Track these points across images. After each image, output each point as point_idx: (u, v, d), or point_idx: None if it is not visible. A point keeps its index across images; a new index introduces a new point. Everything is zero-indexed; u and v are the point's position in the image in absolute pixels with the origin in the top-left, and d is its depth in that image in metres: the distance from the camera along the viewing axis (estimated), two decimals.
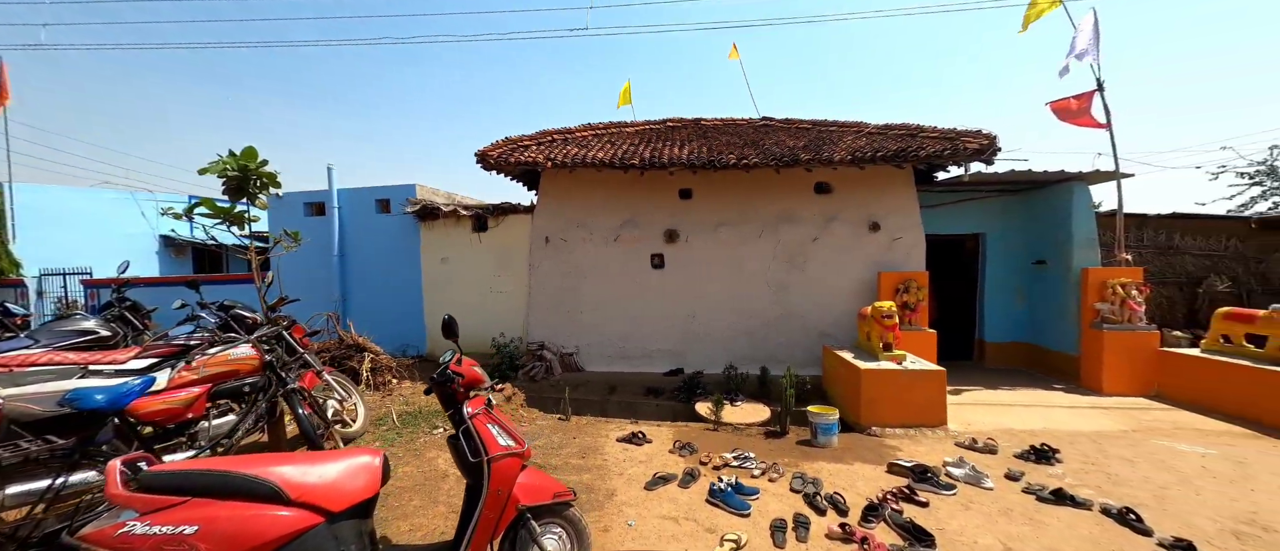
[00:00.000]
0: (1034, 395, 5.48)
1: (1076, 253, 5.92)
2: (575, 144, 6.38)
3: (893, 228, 6.20)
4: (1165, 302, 7.00)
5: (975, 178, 6.15)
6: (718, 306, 6.38)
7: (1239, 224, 7.02)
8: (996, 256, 7.01)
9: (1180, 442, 3.88)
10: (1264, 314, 4.63)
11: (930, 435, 4.28)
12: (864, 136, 6.12)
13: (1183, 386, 5.07)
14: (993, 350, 6.99)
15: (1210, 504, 2.80)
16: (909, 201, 6.21)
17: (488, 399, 2.04)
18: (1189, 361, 5.02)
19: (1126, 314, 5.43)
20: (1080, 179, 6.01)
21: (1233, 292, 6.72)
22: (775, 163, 5.54)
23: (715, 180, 6.39)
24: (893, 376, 4.52)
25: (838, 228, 6.24)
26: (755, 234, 6.35)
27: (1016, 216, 6.95)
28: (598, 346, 6.51)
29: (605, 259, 6.50)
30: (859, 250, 6.24)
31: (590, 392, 5.87)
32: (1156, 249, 7.08)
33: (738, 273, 6.37)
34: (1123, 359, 5.38)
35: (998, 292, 7.03)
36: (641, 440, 3.87)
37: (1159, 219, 7.11)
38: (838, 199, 6.31)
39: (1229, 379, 4.64)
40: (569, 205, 6.56)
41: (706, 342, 6.38)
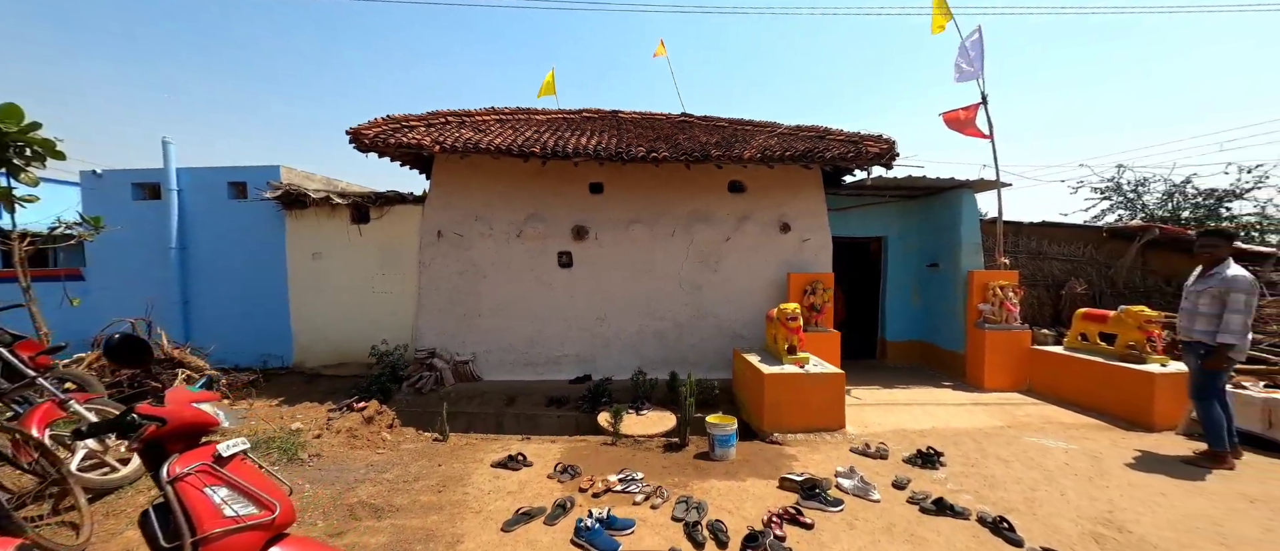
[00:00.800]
0: (926, 393, 5.69)
1: (963, 256, 6.27)
2: (472, 127, 5.73)
3: (802, 229, 6.20)
4: (1035, 303, 7.69)
5: (877, 182, 6.32)
6: (629, 308, 6.03)
7: (1094, 233, 7.89)
8: (897, 259, 7.31)
9: (1048, 438, 4.09)
10: (1114, 314, 5.08)
11: (829, 440, 4.20)
12: (776, 136, 6.06)
13: (1049, 381, 5.48)
14: (893, 348, 7.29)
15: (1073, 503, 2.86)
16: (818, 203, 6.24)
17: (220, 450, 1.44)
18: (1053, 358, 5.43)
19: (1004, 314, 5.79)
20: (967, 187, 6.38)
21: (1088, 294, 7.52)
22: (686, 158, 5.28)
23: (627, 175, 6.03)
24: (795, 380, 4.41)
25: (751, 228, 6.14)
26: (668, 232, 6.08)
27: (914, 221, 7.30)
28: (498, 353, 5.91)
29: (507, 256, 5.92)
30: (771, 250, 6.18)
31: (486, 405, 5.28)
32: (1029, 254, 7.76)
33: (650, 272, 6.06)
34: (1001, 356, 5.74)
35: (898, 293, 7.34)
36: (520, 463, 3.39)
37: (1031, 227, 7.80)
38: (751, 199, 6.21)
39: (1085, 374, 5.04)
40: (466, 196, 5.89)
41: (617, 347, 6.01)
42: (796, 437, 4.27)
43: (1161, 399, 4.39)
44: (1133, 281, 7.82)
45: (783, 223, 6.17)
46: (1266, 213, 9.87)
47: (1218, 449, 3.37)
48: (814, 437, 4.26)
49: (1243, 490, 2.99)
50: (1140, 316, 4.79)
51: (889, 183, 6.40)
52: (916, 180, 6.24)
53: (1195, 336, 3.52)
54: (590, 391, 5.24)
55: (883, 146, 5.49)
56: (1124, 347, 4.96)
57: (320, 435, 3.72)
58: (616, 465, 3.49)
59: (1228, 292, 3.31)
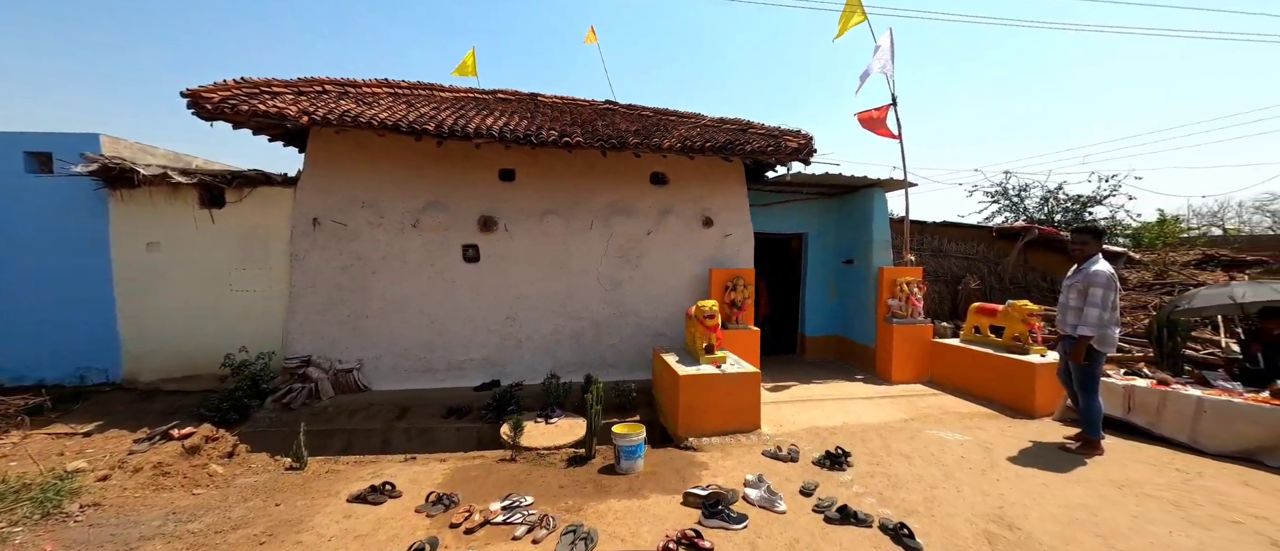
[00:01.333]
0: (840, 387, 5.79)
1: (875, 253, 6.47)
2: (355, 100, 4.96)
3: (725, 223, 6.07)
4: (936, 298, 8.22)
5: (796, 178, 6.33)
6: (542, 306, 5.57)
7: (985, 233, 8.58)
8: (816, 255, 7.45)
9: (946, 430, 4.21)
10: (1002, 308, 5.42)
11: (744, 443, 4.04)
12: (698, 128, 5.86)
13: (948, 372, 5.77)
14: (811, 344, 7.43)
15: (968, 501, 2.85)
16: (740, 198, 6.14)
17: None
18: (951, 351, 5.72)
19: (910, 309, 6.04)
20: (879, 185, 6.59)
21: (981, 290, 8.16)
22: (602, 144, 4.90)
23: (542, 161, 5.55)
24: (711, 381, 4.21)
25: (673, 221, 5.90)
26: (586, 225, 5.67)
27: (832, 218, 7.47)
28: (391, 359, 5.20)
29: (402, 249, 5.21)
30: (693, 245, 5.99)
31: (372, 419, 4.59)
32: (932, 252, 8.27)
33: (566, 268, 5.63)
34: (907, 349, 5.98)
35: (817, 289, 7.49)
36: (385, 495, 2.84)
37: (934, 227, 8.33)
38: (673, 191, 5.97)
39: (978, 365, 5.34)
40: (350, 179, 5.10)
41: (529, 349, 5.52)
42: (712, 441, 4.08)
43: (1041, 387, 4.71)
44: (1017, 277, 8.60)
45: (705, 217, 6.00)
46: (1117, 218, 11.41)
47: (1092, 436, 3.59)
48: (729, 440, 4.09)
49: (1111, 476, 3.17)
50: (1024, 310, 5.13)
51: (808, 179, 6.45)
52: (833, 178, 6.33)
53: (1065, 329, 3.73)
54: (495, 399, 4.73)
55: (801, 141, 5.46)
56: (1011, 339, 5.30)
57: (108, 476, 2.91)
58: (507, 487, 3.05)
59: (1089, 286, 3.52)
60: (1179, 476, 3.15)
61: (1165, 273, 7.95)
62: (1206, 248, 9.64)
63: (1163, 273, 7.93)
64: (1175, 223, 9.53)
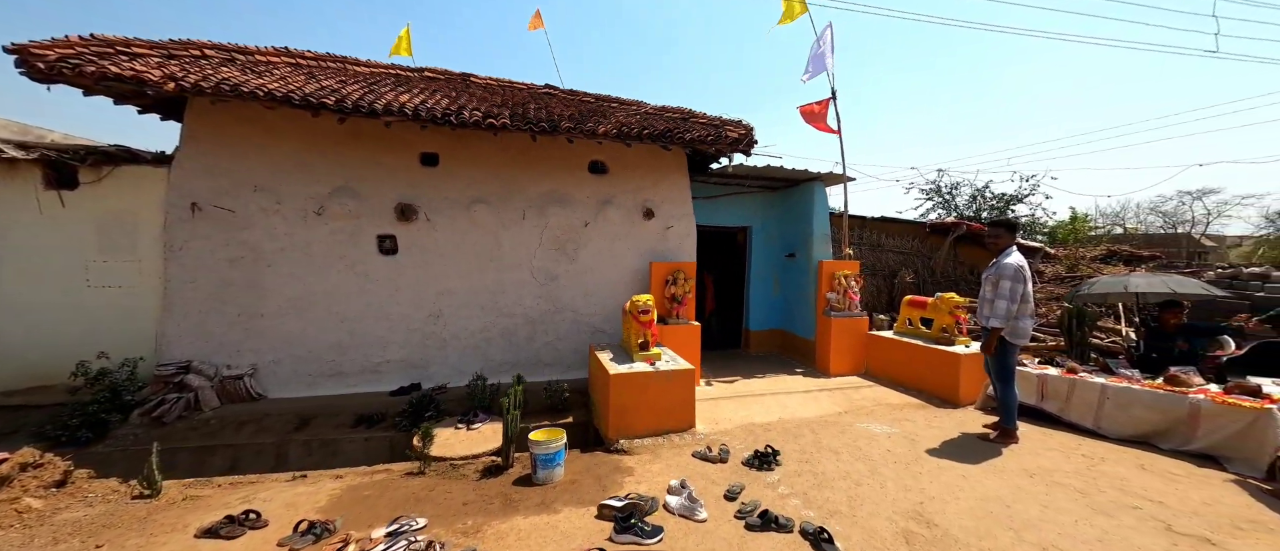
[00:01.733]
0: (779, 381, 5.76)
1: (815, 246, 6.50)
2: (243, 68, 4.34)
3: (666, 215, 5.88)
4: (874, 291, 8.46)
5: (738, 170, 6.24)
6: (471, 303, 5.16)
7: (919, 228, 8.91)
8: (760, 248, 7.44)
9: (876, 422, 4.22)
10: (931, 301, 5.56)
11: (677, 443, 3.87)
12: (638, 115, 5.62)
13: (882, 364, 5.89)
14: (755, 338, 7.43)
15: (890, 497, 2.80)
16: (682, 189, 5.97)
17: None
18: (885, 343, 5.83)
19: (847, 302, 6.10)
20: (819, 179, 6.62)
21: (915, 283, 8.47)
22: (532, 128, 4.56)
23: (469, 145, 5.12)
24: (644, 380, 4.00)
25: (612, 212, 5.64)
26: (518, 215, 5.31)
27: (776, 211, 7.48)
28: (292, 363, 4.64)
29: (304, 239, 4.65)
30: (633, 238, 5.76)
31: (265, 432, 4.06)
32: (870, 246, 8.49)
33: (496, 261, 5.25)
34: (844, 342, 6.04)
35: (760, 283, 7.48)
36: (243, 525, 2.43)
37: (873, 222, 8.55)
38: (613, 181, 5.71)
39: (909, 357, 5.46)
40: (241, 159, 4.48)
41: (455, 349, 5.11)
42: (644, 443, 3.88)
43: (965, 377, 4.85)
44: (948, 271, 8.99)
45: (646, 208, 5.78)
46: (1036, 216, 12.27)
47: (1007, 426, 3.68)
48: (662, 441, 3.91)
49: (1024, 465, 3.24)
50: (950, 302, 5.28)
51: (751, 171, 6.37)
52: (775, 170, 6.29)
53: (980, 320, 3.81)
54: (412, 404, 4.32)
55: (742, 131, 5.34)
56: (938, 331, 5.45)
57: None
58: (402, 507, 2.71)
59: (999, 279, 3.60)
60: (1084, 462, 3.26)
61: (1076, 267, 8.57)
62: (1110, 244, 10.52)
63: (1074, 267, 8.54)
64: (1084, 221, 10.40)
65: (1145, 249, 10.25)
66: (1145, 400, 3.58)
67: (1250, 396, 3.21)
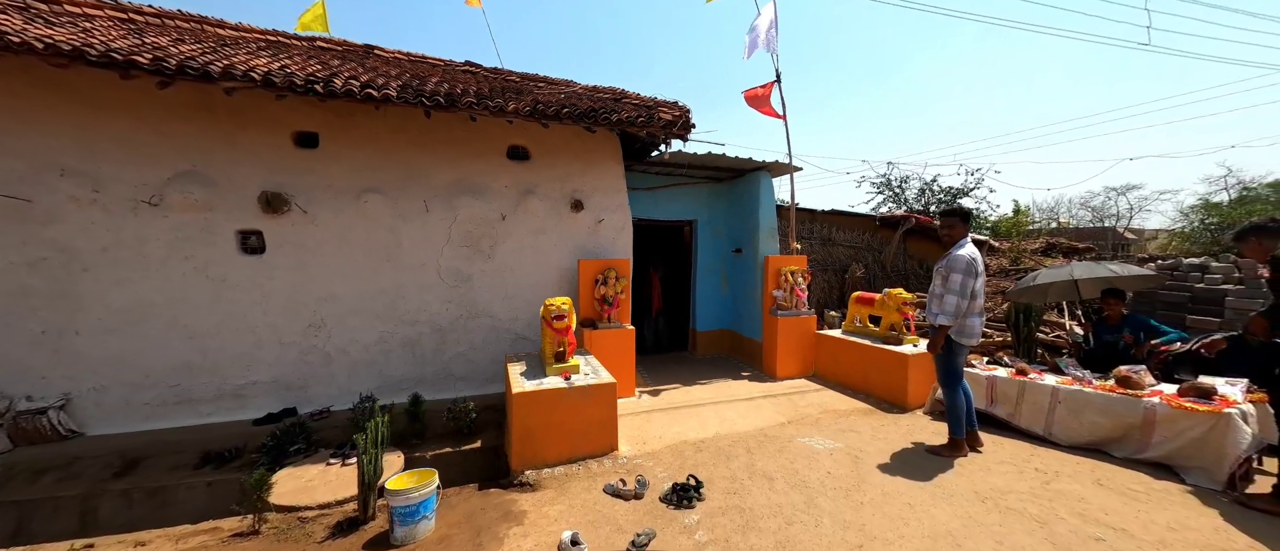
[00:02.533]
0: (722, 388, 5.30)
1: (761, 240, 6.09)
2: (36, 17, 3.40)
3: (598, 207, 5.29)
4: (825, 287, 8.20)
5: (676, 158, 5.73)
6: (362, 309, 4.40)
7: (870, 221, 8.73)
8: (706, 243, 6.98)
9: (820, 435, 3.81)
10: (879, 297, 5.24)
11: (594, 470, 3.31)
12: (563, 94, 4.98)
13: (831, 365, 5.53)
14: (703, 339, 6.97)
15: (826, 539, 2.34)
16: (615, 178, 5.39)
17: None
18: (833, 343, 5.48)
19: (795, 301, 5.72)
20: (765, 169, 6.20)
21: (865, 278, 8.26)
22: (424, 101, 3.85)
23: (357, 124, 4.35)
24: (554, 399, 3.41)
25: (535, 204, 4.99)
26: (421, 207, 4.58)
27: (722, 204, 7.03)
28: (124, 389, 3.75)
29: (137, 236, 3.75)
30: (560, 233, 5.13)
31: (74, 481, 3.21)
32: (821, 240, 8.22)
33: (394, 260, 4.50)
34: (791, 343, 5.66)
35: (708, 280, 7.03)
36: None
37: (823, 215, 8.27)
38: (536, 169, 5.06)
39: (857, 357, 5.12)
40: (40, 134, 3.53)
41: (343, 365, 4.34)
42: (554, 473, 3.29)
43: (914, 378, 4.53)
44: (898, 265, 8.85)
45: (574, 199, 5.17)
46: (980, 210, 12.50)
47: (956, 436, 3.33)
48: (577, 470, 3.33)
49: (975, 485, 2.87)
50: (898, 299, 4.96)
51: (692, 160, 5.87)
52: (716, 159, 5.81)
53: (929, 317, 3.45)
54: (276, 436, 3.54)
55: (676, 113, 4.81)
56: (886, 329, 5.13)
57: None
58: None
59: (949, 272, 3.24)
60: (1039, 479, 2.92)
61: (1019, 260, 8.61)
62: (1049, 237, 10.78)
63: (1017, 259, 8.58)
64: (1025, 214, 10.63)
65: (1078, 241, 10.54)
66: (1098, 404, 3.30)
67: (1204, 399, 2.96)
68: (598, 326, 4.84)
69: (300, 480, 3.24)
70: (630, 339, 4.92)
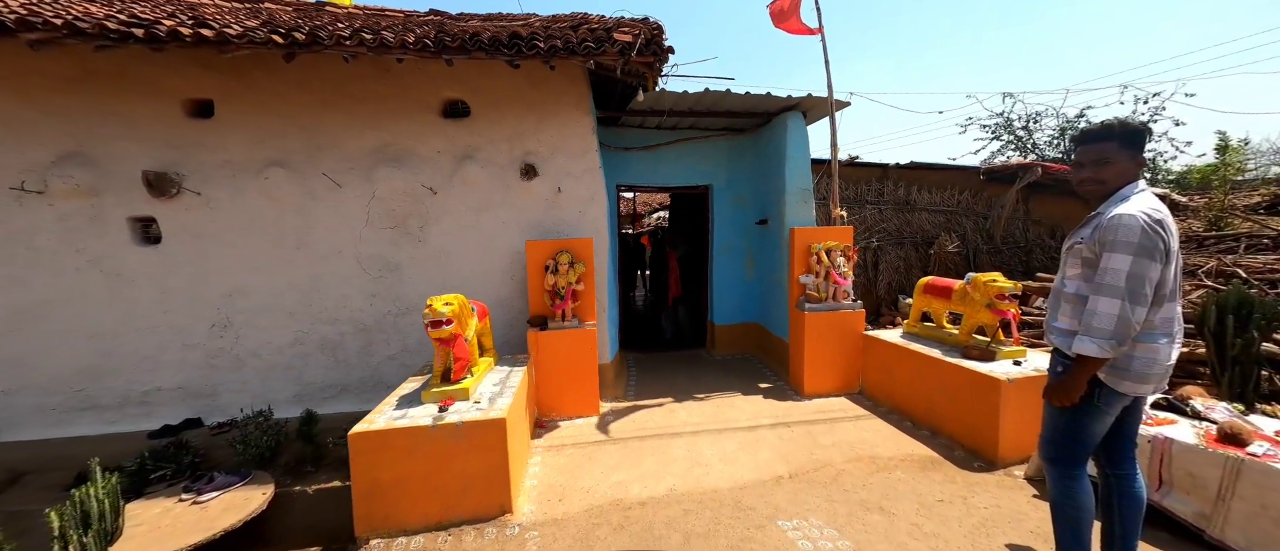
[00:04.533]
0: (723, 407, 3.95)
1: (789, 207, 4.50)
2: None
3: (556, 171, 4.14)
4: (902, 268, 6.22)
5: (677, 103, 4.33)
6: (274, 306, 3.80)
7: (969, 175, 6.44)
8: (725, 215, 5.49)
9: (818, 516, 2.40)
10: (959, 286, 3.47)
11: (467, 546, 2.31)
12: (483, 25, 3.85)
13: (881, 382, 3.90)
14: (722, 336, 5.57)
15: None
16: (581, 134, 4.17)
17: None
18: (884, 350, 3.83)
19: (830, 289, 4.11)
20: (794, 107, 4.52)
21: (960, 253, 6.12)
22: (279, 41, 2.98)
23: (257, 84, 3.66)
24: (412, 441, 2.44)
25: (475, 172, 4.00)
26: (334, 184, 3.82)
27: (745, 162, 5.45)
28: (36, 394, 3.52)
29: (24, 227, 3.44)
30: (508, 206, 4.10)
31: None
32: (895, 205, 6.21)
33: (307, 248, 3.82)
34: (825, 348, 4.09)
35: (729, 261, 5.56)
36: None
37: (898, 170, 6.23)
38: (476, 127, 4.04)
39: (920, 374, 3.46)
40: None
41: (255, 369, 3.80)
42: (411, 545, 2.35)
43: (1009, 417, 2.84)
44: (1012, 234, 6.51)
45: (525, 163, 4.08)
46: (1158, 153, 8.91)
47: None
48: (446, 543, 2.36)
49: None
50: (990, 289, 3.18)
51: (691, 105, 4.42)
52: (719, 98, 4.28)
53: (1051, 332, 1.84)
54: (149, 456, 3.06)
55: (637, 32, 3.43)
56: (969, 334, 3.39)
57: None
58: None
59: (1104, 250, 1.59)
60: None
61: (1221, 221, 5.78)
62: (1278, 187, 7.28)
63: (1218, 222, 5.76)
64: (1239, 152, 7.12)
65: None
66: None
67: None
68: (548, 327, 3.78)
69: (133, 521, 2.67)
70: (590, 342, 3.79)
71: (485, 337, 3.43)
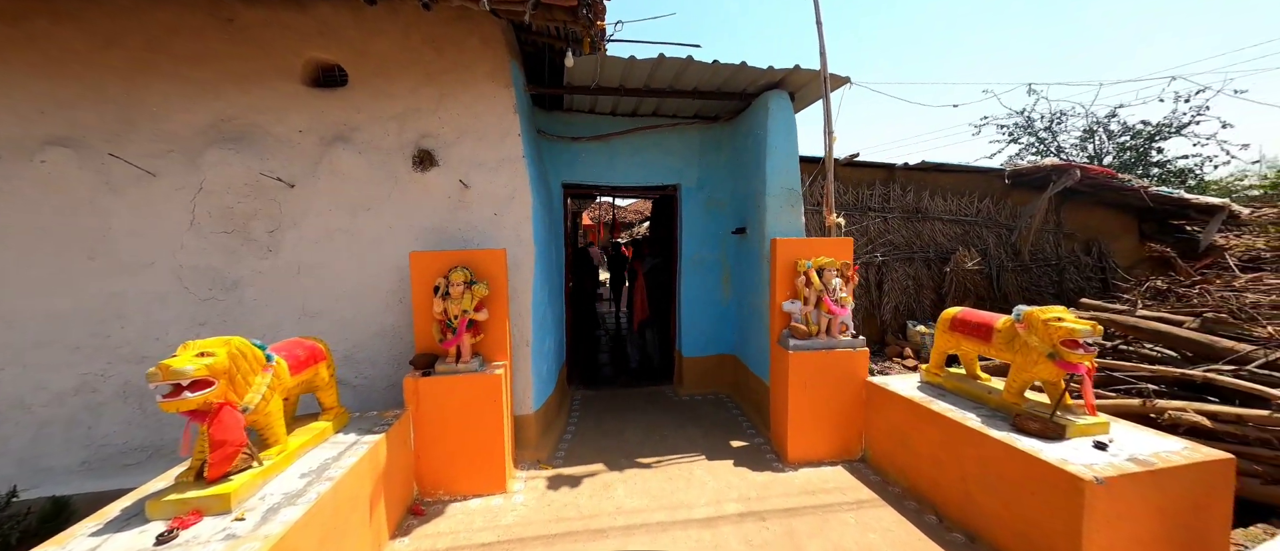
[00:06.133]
0: (676, 480, 2.88)
1: (769, 211, 3.48)
2: None
3: (462, 162, 3.14)
4: (911, 285, 5.19)
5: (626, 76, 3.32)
6: (51, 339, 2.76)
7: (991, 180, 5.44)
8: (696, 221, 4.47)
9: None
10: (1001, 325, 2.44)
11: None
12: None
13: (895, 452, 2.85)
14: (692, 370, 4.52)
15: None
16: (499, 112, 3.17)
17: None
18: (901, 408, 2.78)
19: (822, 320, 3.07)
20: (772, 83, 3.51)
21: (981, 271, 5.10)
22: None
23: (40, 36, 2.67)
24: None
25: (350, 160, 3.00)
26: (146, 170, 2.80)
27: (721, 158, 4.45)
28: None
29: None
30: (398, 206, 3.09)
31: None
32: (903, 213, 5.20)
33: (105, 257, 2.80)
34: (816, 398, 3.05)
35: (699, 278, 4.53)
36: None
37: (906, 171, 5.23)
38: (354, 100, 3.04)
39: (952, 449, 2.42)
40: None
41: (24, 427, 2.74)
42: None
43: (1099, 537, 1.81)
44: (1041, 250, 5.50)
45: (420, 150, 3.08)
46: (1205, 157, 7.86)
47: None
48: None
49: None
50: (1054, 330, 2.15)
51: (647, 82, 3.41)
52: (679, 70, 3.27)
53: None
54: None
55: None
56: (1017, 392, 2.36)
57: None
58: None
59: None
60: None
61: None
62: None
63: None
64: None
65: None
66: None
67: None
68: (434, 370, 2.74)
69: None
70: (494, 391, 2.74)
71: (325, 392, 2.38)
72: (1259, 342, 2.99)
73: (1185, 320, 3.39)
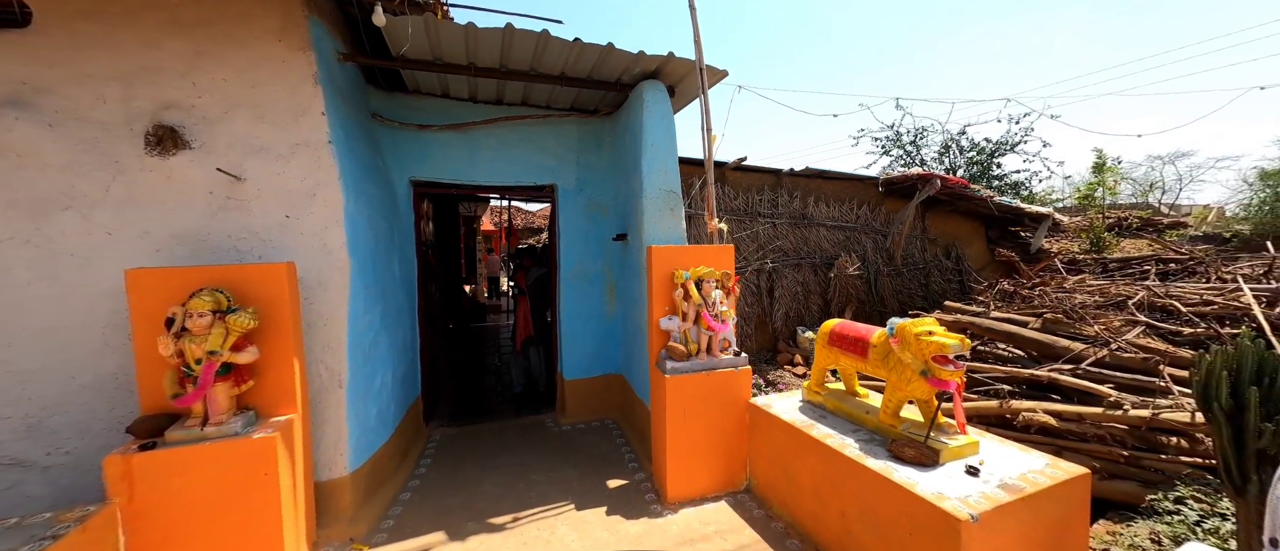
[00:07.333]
0: (530, 539, 2.34)
1: (648, 216, 3.09)
2: None
3: (232, 145, 2.32)
4: (800, 291, 5.19)
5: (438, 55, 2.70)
6: None
7: (868, 187, 5.67)
8: (576, 226, 3.98)
9: None
10: (876, 340, 2.26)
11: None
12: None
13: (778, 481, 2.58)
14: (574, 394, 4.00)
15: None
16: (292, 81, 2.39)
17: None
18: (781, 433, 2.52)
19: (703, 338, 2.74)
20: (646, 72, 3.15)
21: (861, 276, 5.24)
22: None
23: None
24: None
25: (30, 135, 2.04)
26: None
27: (601, 155, 4.02)
28: None
29: None
30: (122, 204, 2.19)
31: None
32: (790, 219, 5.19)
33: None
34: (697, 427, 2.70)
35: (581, 290, 4.04)
36: None
37: (792, 176, 5.24)
38: (42, 51, 2.09)
39: (831, 479, 2.17)
40: None
41: None
42: None
43: None
44: (910, 254, 5.82)
45: (159, 125, 2.20)
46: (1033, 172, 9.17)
47: None
48: None
49: None
50: (927, 345, 1.98)
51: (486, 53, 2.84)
52: (531, 47, 2.76)
53: None
54: None
55: None
56: (891, 414, 2.18)
57: None
58: None
59: None
60: None
61: (1101, 245, 5.56)
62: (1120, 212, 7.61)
63: (1099, 245, 5.53)
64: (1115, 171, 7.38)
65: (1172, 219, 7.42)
66: None
67: None
68: (164, 439, 1.90)
69: None
70: (263, 460, 1.98)
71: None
72: (1089, 341, 3.22)
73: (1029, 321, 3.61)
